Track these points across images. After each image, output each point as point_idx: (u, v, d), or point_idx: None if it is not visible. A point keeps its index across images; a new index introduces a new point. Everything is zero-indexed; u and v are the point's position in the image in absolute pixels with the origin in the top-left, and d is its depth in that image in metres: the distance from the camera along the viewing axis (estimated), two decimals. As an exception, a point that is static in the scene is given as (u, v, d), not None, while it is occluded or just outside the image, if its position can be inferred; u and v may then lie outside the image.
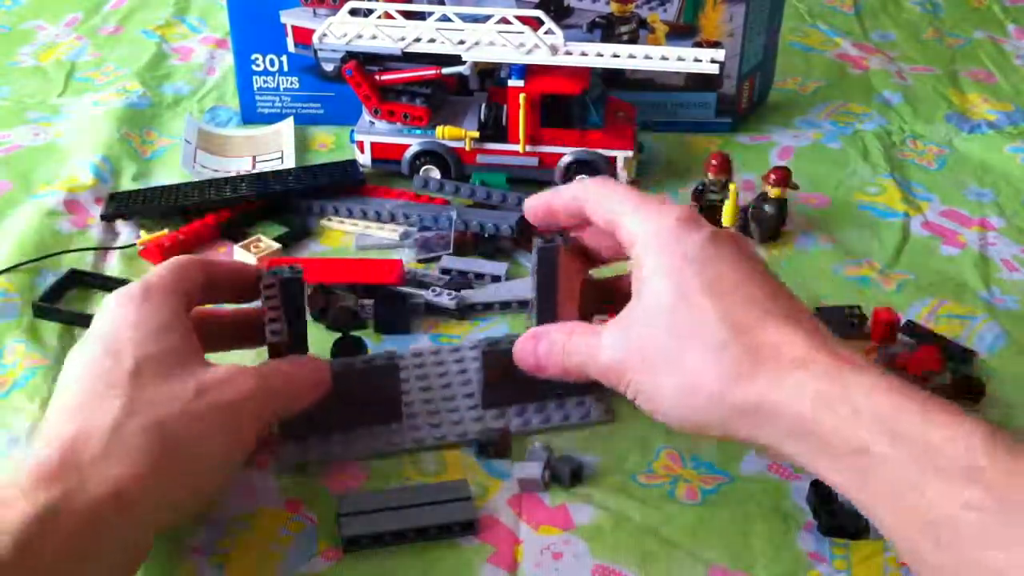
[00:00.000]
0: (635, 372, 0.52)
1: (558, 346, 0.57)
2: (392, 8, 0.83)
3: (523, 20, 0.82)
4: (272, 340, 0.57)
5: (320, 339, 0.64)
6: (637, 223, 0.54)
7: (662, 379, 0.51)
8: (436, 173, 0.86)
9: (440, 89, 0.88)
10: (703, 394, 0.49)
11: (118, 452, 0.46)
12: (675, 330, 0.51)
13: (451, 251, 0.78)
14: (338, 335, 0.66)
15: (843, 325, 0.70)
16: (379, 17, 0.83)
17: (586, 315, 0.62)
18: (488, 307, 0.72)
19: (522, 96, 0.82)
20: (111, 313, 0.53)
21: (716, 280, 0.51)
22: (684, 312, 0.50)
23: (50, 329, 0.70)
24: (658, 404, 0.52)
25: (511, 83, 0.82)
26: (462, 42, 0.82)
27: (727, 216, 0.81)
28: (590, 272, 0.64)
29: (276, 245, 0.77)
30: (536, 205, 0.61)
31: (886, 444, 0.44)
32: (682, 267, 0.51)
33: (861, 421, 0.45)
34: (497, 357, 0.60)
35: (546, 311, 0.61)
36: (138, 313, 0.53)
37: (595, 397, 0.63)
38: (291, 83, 0.95)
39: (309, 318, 0.61)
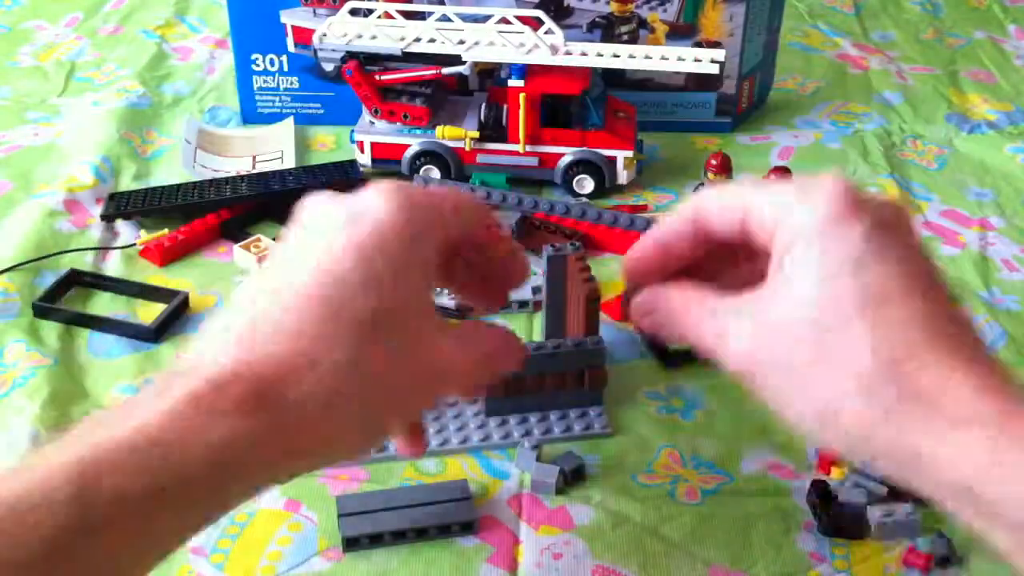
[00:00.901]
0: (768, 376, 0.45)
1: (683, 318, 0.48)
2: (392, 8, 0.83)
3: (523, 20, 0.82)
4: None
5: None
6: (780, 205, 0.45)
7: (799, 395, 0.44)
8: (436, 173, 0.86)
9: (440, 89, 0.88)
10: (845, 427, 0.42)
11: (329, 405, 0.41)
12: (820, 345, 0.43)
13: (451, 251, 0.77)
14: None
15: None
16: (379, 17, 0.83)
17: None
18: (488, 307, 0.72)
19: (522, 96, 0.82)
20: (384, 216, 0.44)
21: (875, 292, 0.43)
22: (833, 328, 0.43)
23: (50, 329, 0.70)
24: (793, 419, 0.45)
25: (511, 83, 0.82)
26: (462, 42, 0.82)
27: (727, 216, 0.81)
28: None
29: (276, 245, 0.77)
30: (641, 256, 0.50)
31: None
32: (837, 269, 0.43)
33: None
34: None
35: (554, 316, 0.61)
36: (405, 241, 0.43)
37: (598, 410, 0.63)
38: (291, 83, 0.95)
39: None
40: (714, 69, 0.82)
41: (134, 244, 0.78)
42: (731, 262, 0.50)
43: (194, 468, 0.37)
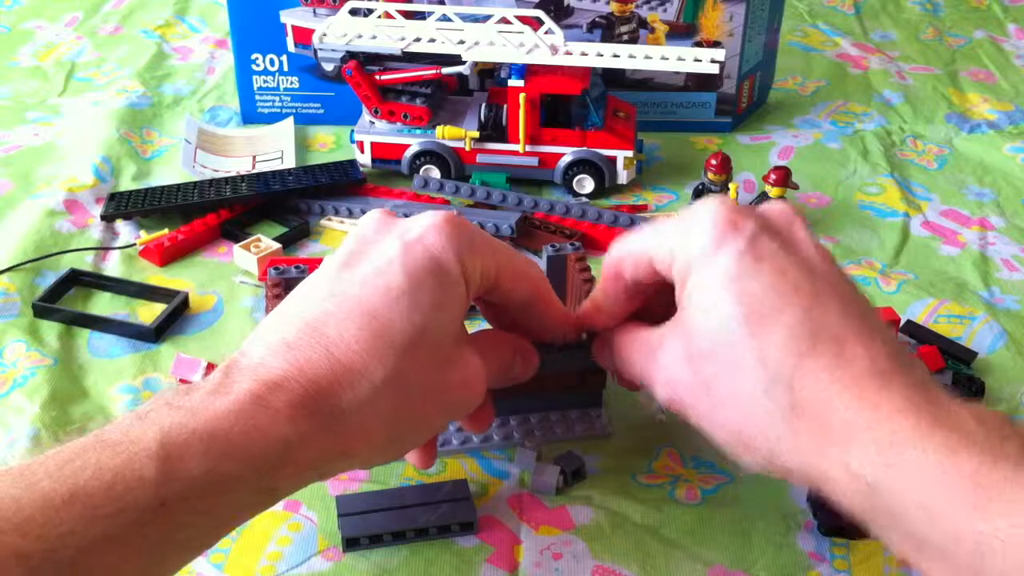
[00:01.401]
0: (688, 407, 0.48)
1: (622, 360, 0.52)
2: (392, 8, 0.83)
3: (523, 20, 0.82)
4: None
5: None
6: (672, 237, 0.48)
7: (715, 421, 0.46)
8: (436, 173, 0.86)
9: (440, 89, 0.88)
10: (755, 448, 0.45)
11: (369, 414, 0.44)
12: (717, 371, 0.45)
13: (451, 251, 0.77)
14: None
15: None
16: (379, 17, 0.83)
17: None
18: (488, 307, 0.72)
19: (522, 96, 0.82)
20: (437, 238, 0.47)
21: (752, 310, 0.44)
22: (723, 352, 0.45)
23: (50, 329, 0.70)
24: (720, 444, 0.47)
25: (511, 83, 0.82)
26: (462, 42, 0.82)
27: (727, 216, 0.81)
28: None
29: (276, 245, 0.77)
30: (590, 319, 0.54)
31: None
32: (717, 294, 0.45)
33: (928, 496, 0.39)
34: None
35: None
36: (453, 266, 0.47)
37: (598, 411, 0.62)
38: (291, 83, 0.95)
39: None
40: (714, 69, 0.82)
41: (134, 244, 0.78)
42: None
43: (256, 460, 0.41)
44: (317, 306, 0.46)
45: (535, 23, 0.82)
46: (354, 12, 0.84)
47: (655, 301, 0.53)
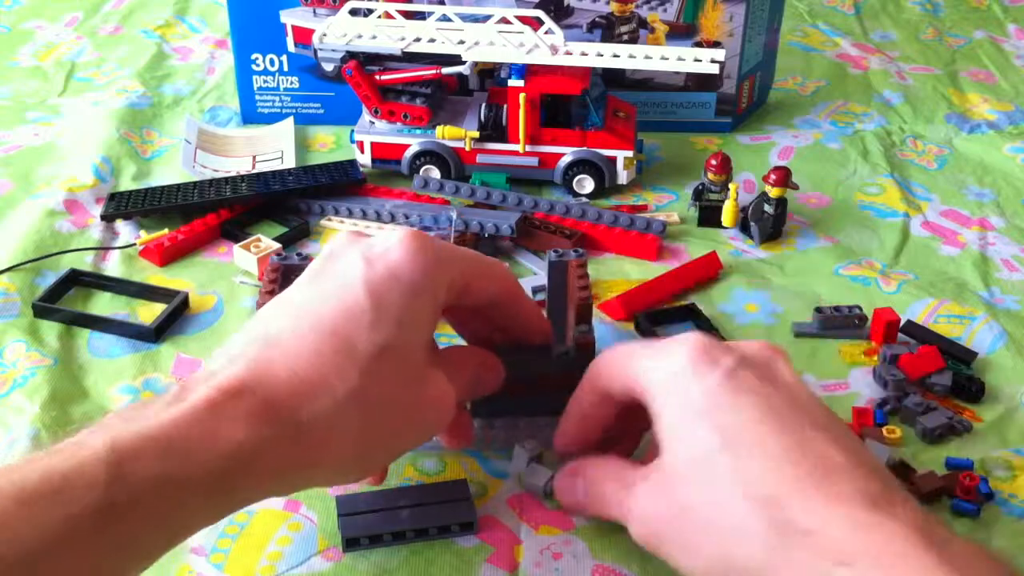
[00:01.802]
0: (665, 543, 0.47)
1: (583, 495, 0.52)
2: (392, 8, 0.83)
3: (523, 20, 0.82)
4: None
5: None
6: (648, 369, 0.48)
7: (693, 555, 0.45)
8: (436, 173, 0.86)
9: (440, 89, 0.88)
10: (737, 568, 0.43)
11: (332, 428, 0.45)
12: (698, 506, 0.44)
13: (451, 251, 0.77)
14: None
15: (843, 325, 0.70)
16: (379, 17, 0.83)
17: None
18: (488, 307, 0.72)
19: (522, 96, 0.82)
20: (399, 258, 0.47)
21: (734, 437, 0.44)
22: (702, 483, 0.44)
23: (50, 329, 0.70)
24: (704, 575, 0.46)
25: (511, 83, 0.82)
26: (462, 42, 0.82)
27: (727, 216, 0.81)
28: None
29: (276, 245, 0.77)
30: (567, 439, 0.54)
31: None
32: (695, 423, 0.45)
33: None
34: None
35: (557, 320, 0.61)
36: (418, 284, 0.47)
37: None
38: (291, 83, 0.95)
39: None
40: (714, 69, 0.82)
41: (134, 244, 0.78)
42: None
43: (210, 465, 0.41)
44: (279, 321, 0.46)
45: (535, 23, 0.82)
46: (354, 12, 0.84)
47: (625, 428, 0.53)
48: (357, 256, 0.48)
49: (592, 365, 0.52)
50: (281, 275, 0.58)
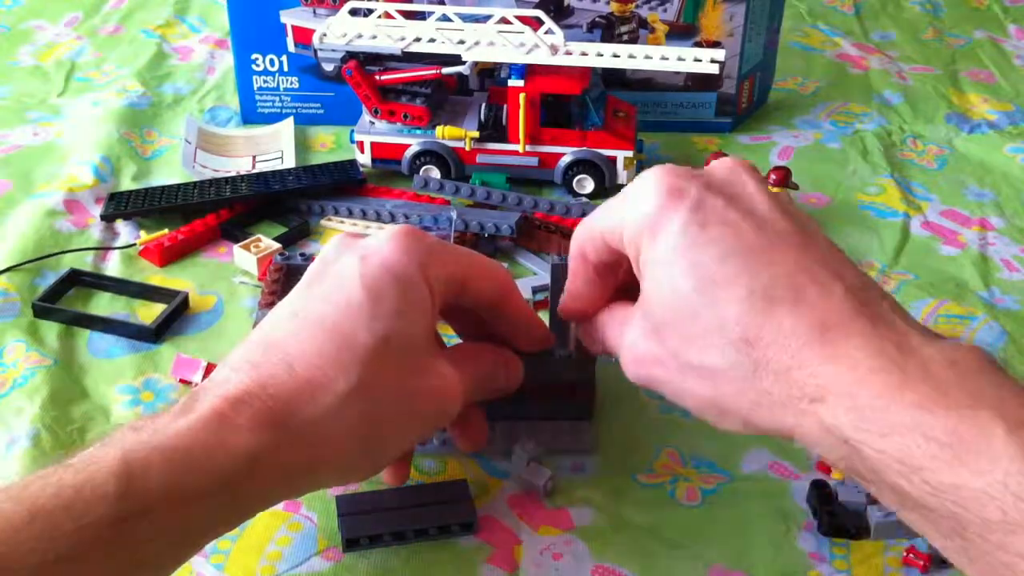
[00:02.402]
0: (658, 378, 0.47)
1: (600, 336, 0.53)
2: (392, 8, 0.83)
3: (523, 20, 0.82)
4: (259, 319, 0.56)
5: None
6: (619, 211, 0.48)
7: (688, 388, 0.46)
8: (436, 173, 0.86)
9: (440, 89, 0.88)
10: (729, 416, 0.45)
11: (335, 424, 0.45)
12: (681, 349, 0.45)
13: (451, 251, 0.77)
14: None
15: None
16: (379, 17, 0.83)
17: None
18: (488, 307, 0.72)
19: (522, 96, 0.82)
20: (395, 252, 0.48)
21: (707, 273, 0.44)
22: (682, 325, 0.45)
23: (50, 329, 0.70)
24: (694, 412, 0.47)
25: (511, 83, 0.82)
26: (462, 42, 0.82)
27: (727, 216, 0.81)
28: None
29: (276, 245, 0.77)
30: (570, 306, 0.54)
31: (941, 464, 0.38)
32: (669, 264, 0.45)
33: (897, 451, 0.39)
34: None
35: (556, 324, 0.61)
36: (415, 275, 0.48)
37: (585, 426, 0.60)
38: (291, 83, 0.95)
39: None
40: (714, 69, 0.82)
41: (134, 244, 0.78)
42: None
43: (217, 473, 0.41)
44: (280, 327, 0.47)
45: (535, 23, 0.82)
46: (354, 12, 0.84)
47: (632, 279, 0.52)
48: (352, 256, 0.48)
49: (573, 236, 0.52)
50: (284, 275, 0.58)
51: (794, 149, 0.95)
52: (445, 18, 0.83)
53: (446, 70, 0.84)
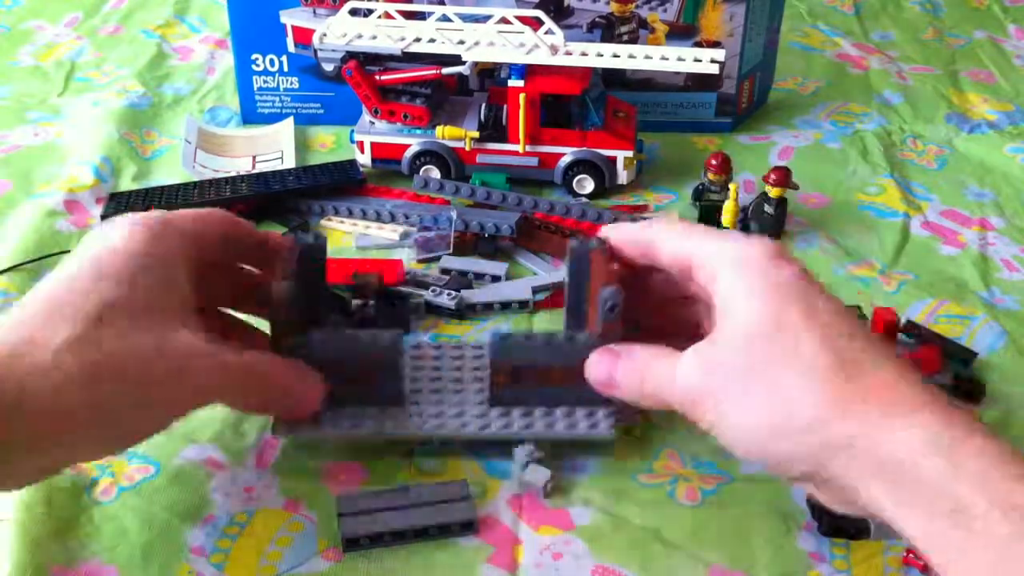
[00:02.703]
0: (717, 398, 0.49)
1: (638, 368, 0.53)
2: (392, 8, 0.83)
3: (523, 20, 0.82)
4: (276, 289, 0.55)
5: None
6: (720, 249, 0.51)
7: (750, 404, 0.47)
8: (436, 173, 0.86)
9: (440, 89, 0.88)
10: (799, 421, 0.46)
11: (54, 378, 0.45)
12: (770, 354, 0.47)
13: (451, 251, 0.78)
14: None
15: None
16: (379, 17, 0.83)
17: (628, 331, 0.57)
18: (488, 307, 0.72)
19: (522, 96, 0.82)
20: (121, 234, 0.51)
21: (815, 310, 0.48)
22: (781, 337, 0.47)
23: (50, 329, 0.70)
24: (741, 433, 0.48)
25: (511, 83, 0.82)
26: (462, 42, 0.82)
27: (727, 216, 0.81)
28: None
29: (276, 245, 0.77)
30: (620, 233, 0.58)
31: (995, 513, 0.41)
32: (777, 294, 0.48)
33: (968, 481, 0.42)
34: (507, 350, 0.58)
35: (576, 313, 0.60)
36: (145, 246, 0.51)
37: (605, 412, 0.59)
38: (291, 83, 0.95)
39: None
40: (714, 69, 0.82)
41: (134, 244, 0.78)
42: (661, 311, 0.58)
43: None
44: (46, 282, 0.50)
45: (535, 23, 0.82)
46: (354, 12, 0.84)
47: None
48: (89, 238, 0.52)
49: (655, 227, 0.56)
50: (299, 256, 0.58)
51: (794, 149, 0.95)
52: (445, 18, 0.83)
53: (446, 70, 0.84)
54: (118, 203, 0.82)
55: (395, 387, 0.59)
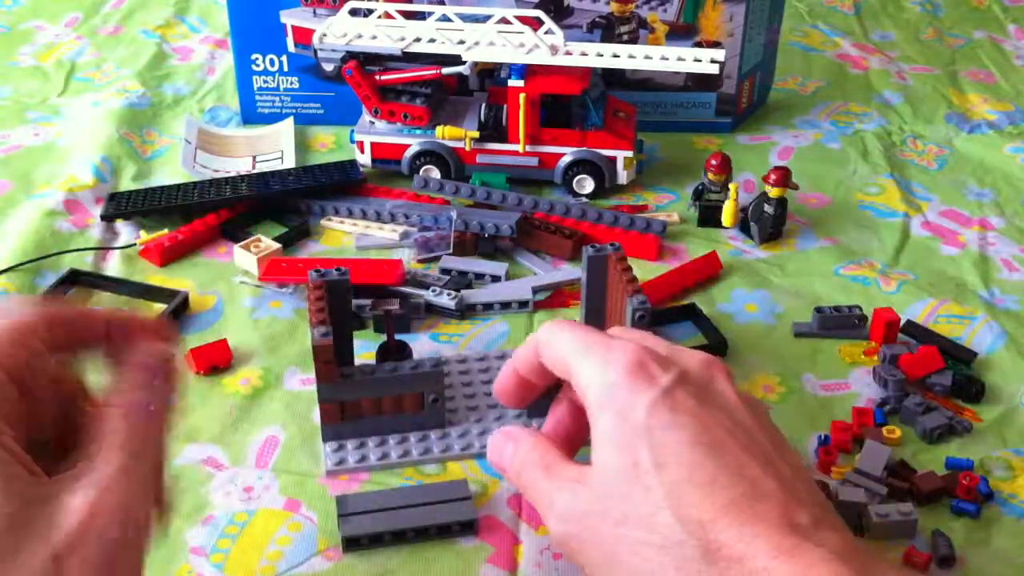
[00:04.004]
0: (583, 551, 0.46)
1: (522, 476, 0.49)
2: (392, 8, 0.83)
3: (523, 20, 0.82)
4: (319, 343, 0.56)
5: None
6: (588, 372, 0.47)
7: (613, 568, 0.44)
8: (436, 173, 0.86)
9: (440, 89, 0.88)
10: None
11: None
12: (624, 519, 0.44)
13: (451, 251, 0.78)
14: (382, 339, 0.66)
15: (843, 325, 0.70)
16: (379, 17, 0.83)
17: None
18: (488, 307, 0.72)
19: (522, 96, 0.82)
20: None
21: (668, 457, 0.43)
22: (632, 498, 0.43)
23: (50, 329, 0.70)
24: None
25: (511, 83, 0.82)
26: (462, 42, 0.82)
27: (727, 216, 0.81)
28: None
29: (276, 245, 0.77)
30: (502, 383, 0.52)
31: None
32: (630, 438, 0.44)
33: None
34: None
35: (594, 320, 0.60)
36: None
37: None
38: (291, 83, 0.95)
39: None
40: (714, 69, 0.82)
41: (134, 244, 0.78)
42: None
43: None
44: None
45: (535, 23, 0.82)
46: (354, 12, 0.84)
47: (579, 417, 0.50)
48: None
49: (542, 332, 0.50)
50: (327, 292, 0.59)
51: (794, 149, 0.95)
52: (445, 18, 0.83)
53: (446, 70, 0.84)
54: (118, 203, 0.82)
55: (437, 413, 0.60)
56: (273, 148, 0.93)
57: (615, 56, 0.82)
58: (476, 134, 0.84)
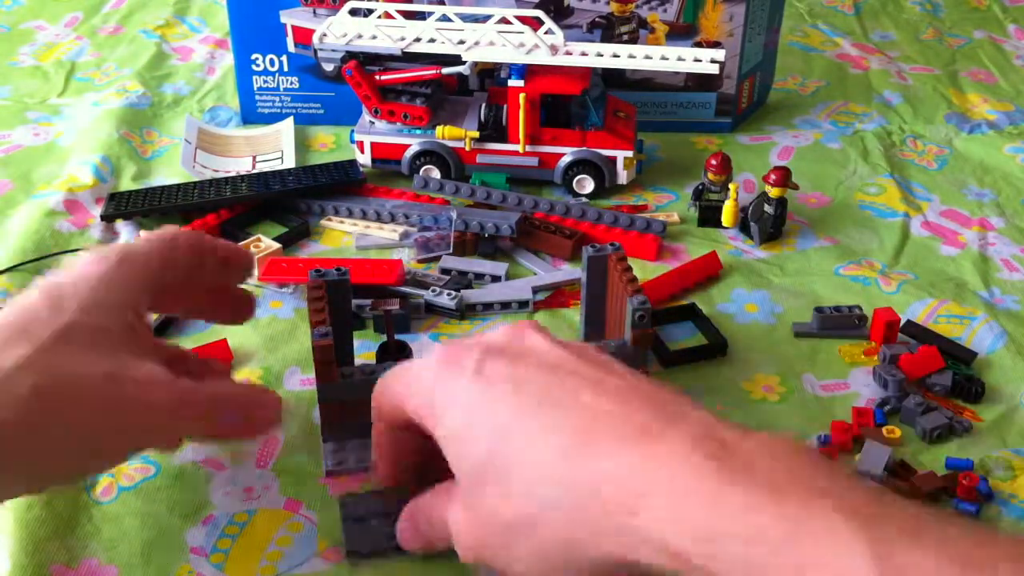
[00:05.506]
0: (494, 558, 0.46)
1: (423, 529, 0.50)
2: (392, 8, 0.83)
3: (523, 20, 0.82)
4: (319, 343, 0.56)
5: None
6: (407, 396, 0.48)
7: (519, 565, 0.45)
8: (436, 173, 0.86)
9: (440, 89, 0.88)
10: (562, 561, 0.43)
11: (2, 399, 0.44)
12: (500, 508, 0.44)
13: (451, 251, 0.78)
14: (382, 339, 0.66)
15: (843, 325, 0.70)
16: (379, 17, 0.83)
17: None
18: (488, 307, 0.72)
19: (522, 96, 0.82)
20: (78, 267, 0.52)
21: (502, 432, 0.44)
22: (495, 484, 0.44)
23: (50, 329, 0.70)
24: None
25: (511, 83, 0.82)
26: (462, 42, 0.82)
27: (727, 216, 0.81)
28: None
29: (276, 245, 0.77)
30: (384, 470, 0.53)
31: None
32: (463, 431, 0.45)
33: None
34: None
35: (594, 320, 0.60)
36: (100, 278, 0.51)
37: None
38: (291, 83, 0.95)
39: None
40: (714, 69, 0.82)
41: (134, 244, 0.78)
42: None
43: None
44: (3, 311, 0.50)
45: (535, 23, 0.82)
46: (354, 12, 0.84)
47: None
48: (50, 272, 0.53)
49: (375, 395, 0.51)
50: (326, 292, 0.58)
51: (794, 149, 0.95)
52: (445, 18, 0.83)
53: (446, 70, 0.84)
54: (118, 203, 0.82)
55: None
56: (273, 148, 0.93)
57: (615, 56, 0.82)
58: (476, 134, 0.84)
